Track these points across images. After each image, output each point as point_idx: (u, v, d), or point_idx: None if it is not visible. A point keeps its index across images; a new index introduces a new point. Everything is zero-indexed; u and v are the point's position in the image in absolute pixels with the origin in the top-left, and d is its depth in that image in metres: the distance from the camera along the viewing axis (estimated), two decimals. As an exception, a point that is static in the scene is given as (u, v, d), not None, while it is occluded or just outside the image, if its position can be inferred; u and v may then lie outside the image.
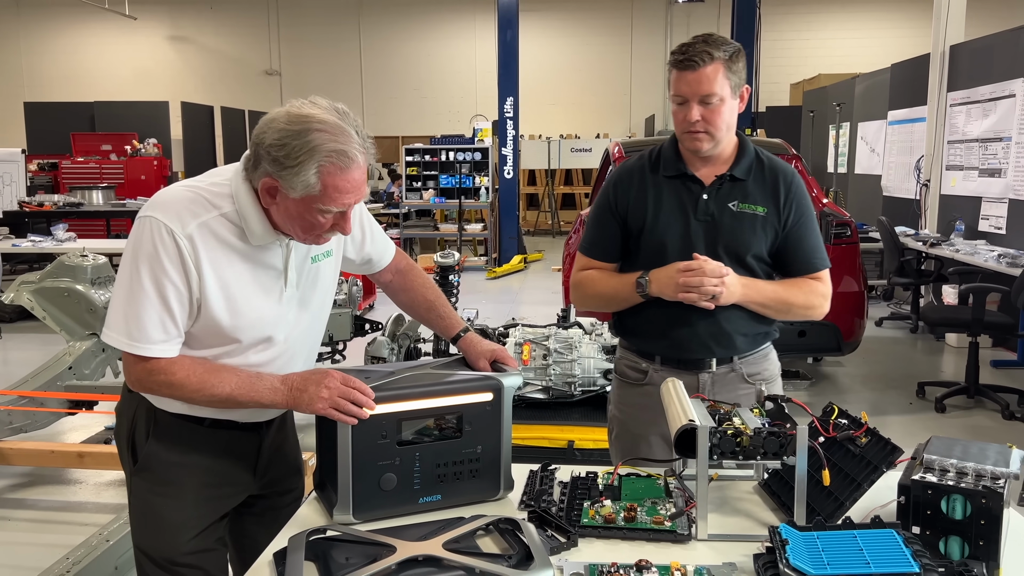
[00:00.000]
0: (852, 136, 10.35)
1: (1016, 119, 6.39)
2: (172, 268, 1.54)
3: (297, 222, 1.57)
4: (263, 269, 1.65)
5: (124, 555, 2.48)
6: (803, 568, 1.26)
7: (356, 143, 1.53)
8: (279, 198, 1.55)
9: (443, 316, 1.98)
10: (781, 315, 2.08)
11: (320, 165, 1.49)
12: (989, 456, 1.48)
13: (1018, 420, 4.97)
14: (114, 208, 10.10)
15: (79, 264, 4.24)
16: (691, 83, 1.93)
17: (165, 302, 1.55)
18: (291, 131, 1.49)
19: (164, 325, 1.56)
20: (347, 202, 1.55)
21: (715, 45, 1.93)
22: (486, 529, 1.52)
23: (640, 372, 2.14)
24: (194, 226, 1.55)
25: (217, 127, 15.40)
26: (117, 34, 17.91)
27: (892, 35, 16.65)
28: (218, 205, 1.59)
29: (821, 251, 2.09)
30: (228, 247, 1.59)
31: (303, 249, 1.70)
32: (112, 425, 4.62)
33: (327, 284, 1.81)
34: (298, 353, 1.78)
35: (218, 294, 1.59)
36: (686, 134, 1.99)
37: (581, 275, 2.17)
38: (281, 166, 1.49)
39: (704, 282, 1.89)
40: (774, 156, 2.11)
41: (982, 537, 1.38)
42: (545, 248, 13.15)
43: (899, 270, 6.98)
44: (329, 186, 1.51)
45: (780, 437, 1.53)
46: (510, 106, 11.21)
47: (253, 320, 1.64)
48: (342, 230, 1.61)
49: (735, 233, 2.01)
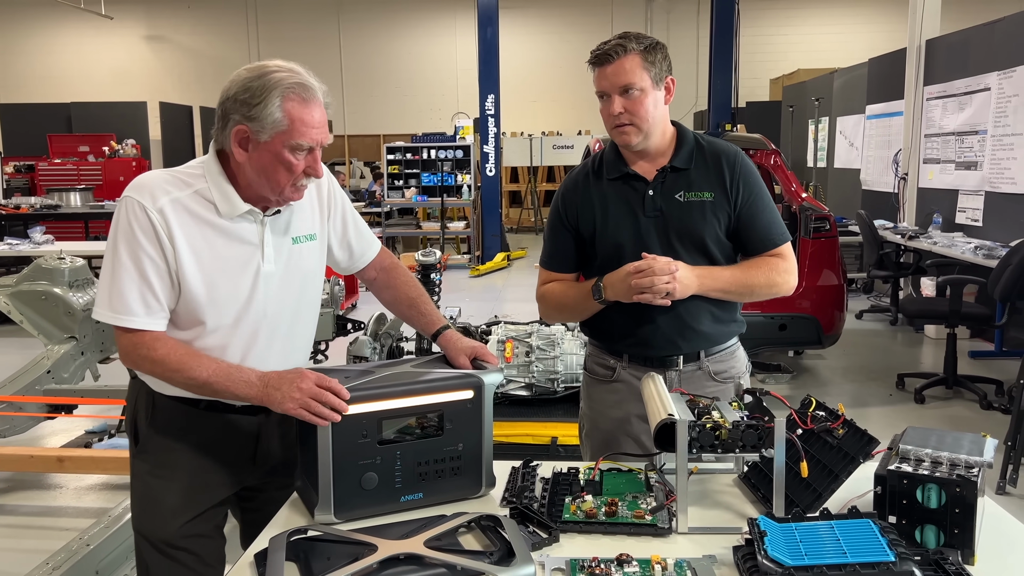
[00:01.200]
0: (831, 130, 10.43)
1: (991, 112, 6.46)
2: (147, 242, 1.62)
3: (271, 171, 1.64)
4: (239, 244, 1.70)
5: (105, 559, 2.47)
6: (781, 559, 1.27)
7: (316, 86, 1.65)
8: (251, 148, 1.63)
9: (424, 313, 1.98)
10: (745, 297, 2.07)
11: (283, 96, 1.60)
12: (963, 445, 1.50)
13: (996, 410, 5.04)
14: (92, 210, 9.99)
15: (56, 267, 4.20)
16: (609, 76, 1.95)
17: (143, 275, 1.63)
18: (252, 76, 1.62)
19: (144, 298, 1.63)
20: (314, 137, 1.64)
21: (629, 39, 1.96)
22: (468, 526, 1.53)
23: (609, 369, 2.15)
24: (165, 201, 1.64)
25: (196, 127, 15.29)
26: (93, 34, 17.72)
27: (869, 29, 16.79)
28: (191, 183, 1.68)
29: (777, 226, 2.06)
30: (202, 222, 1.67)
31: (281, 228, 1.76)
32: (92, 429, 4.61)
33: (311, 269, 1.84)
34: (283, 338, 1.80)
35: (194, 267, 1.65)
36: (614, 129, 2.01)
37: (543, 289, 2.18)
38: (248, 106, 1.60)
39: (655, 281, 1.89)
40: (715, 140, 2.11)
41: (957, 525, 1.40)
42: (528, 245, 13.16)
43: (878, 263, 7.04)
44: (295, 119, 1.61)
45: (758, 430, 1.54)
46: (491, 103, 11.20)
47: (230, 292, 1.69)
48: (315, 172, 1.67)
49: (685, 223, 2.01)
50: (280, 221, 1.76)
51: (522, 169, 15.63)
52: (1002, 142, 6.31)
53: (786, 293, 2.08)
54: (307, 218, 1.83)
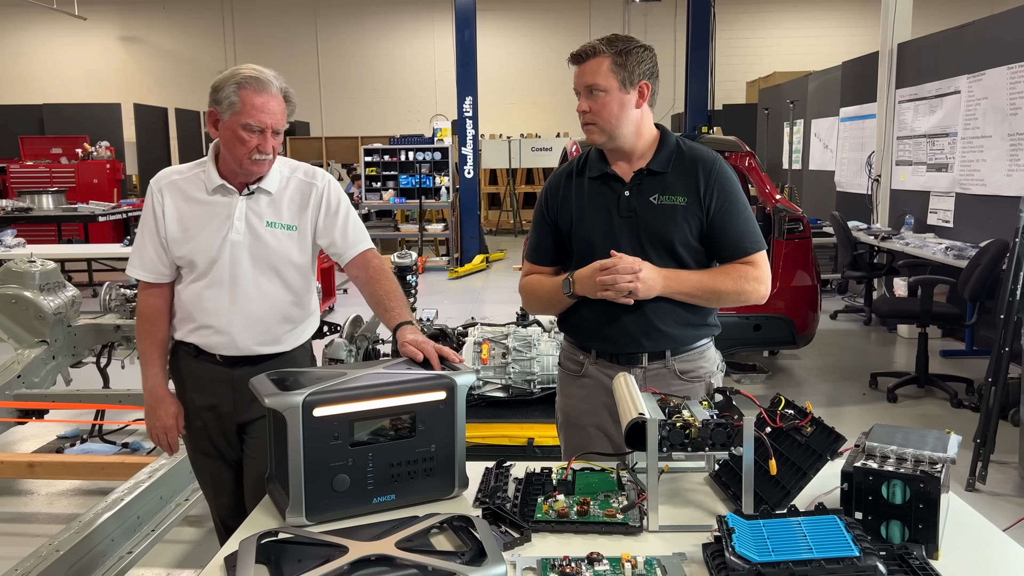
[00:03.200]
0: (806, 133, 10.54)
1: (961, 115, 6.57)
2: (148, 211, 2.16)
3: (231, 146, 2.05)
4: (214, 214, 2.13)
5: (75, 565, 2.43)
6: (748, 556, 1.28)
7: (272, 82, 2.04)
8: (219, 127, 2.06)
9: (389, 309, 2.07)
10: (712, 303, 2.09)
11: (238, 84, 2.01)
12: (928, 442, 1.52)
13: (966, 408, 5.11)
14: (65, 212, 9.86)
15: (27, 270, 4.15)
16: (578, 75, 2.04)
17: (142, 237, 2.17)
18: (224, 75, 2.06)
19: (141, 254, 2.17)
20: (263, 120, 2.02)
21: (607, 41, 2.02)
22: (440, 527, 1.53)
23: (578, 364, 2.19)
24: (166, 182, 2.16)
25: (172, 129, 15.13)
26: (66, 34, 17.53)
27: (843, 33, 17.00)
28: (194, 169, 2.18)
29: (752, 235, 2.07)
30: (190, 197, 2.14)
31: (257, 209, 2.13)
32: (64, 434, 4.55)
33: (283, 252, 2.15)
34: (249, 302, 2.12)
35: (176, 225, 2.13)
36: (583, 127, 2.08)
37: (524, 280, 2.25)
38: (215, 92, 2.04)
39: (617, 279, 1.92)
40: (697, 145, 2.14)
41: (921, 520, 1.43)
42: (507, 247, 13.16)
43: (852, 264, 7.12)
44: (247, 103, 2.01)
45: (727, 428, 1.56)
46: (469, 106, 11.20)
47: (203, 251, 2.11)
48: (264, 148, 2.04)
49: (656, 226, 2.04)
50: (259, 203, 2.13)
51: (501, 171, 15.63)
52: (972, 144, 6.41)
53: (756, 302, 2.10)
54: (292, 210, 2.16)
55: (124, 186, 12.55)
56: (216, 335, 2.14)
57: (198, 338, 2.17)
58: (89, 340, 4.43)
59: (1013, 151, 5.86)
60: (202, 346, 2.17)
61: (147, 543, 2.70)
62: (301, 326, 2.26)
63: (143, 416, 2.22)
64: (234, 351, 2.16)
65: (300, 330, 2.26)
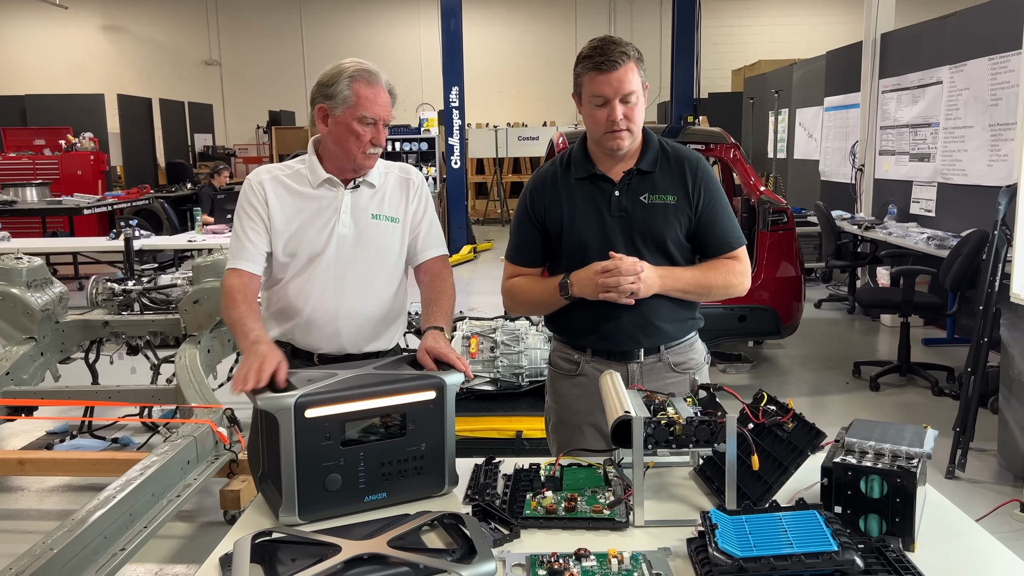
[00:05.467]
0: (791, 122, 10.59)
1: (943, 105, 6.63)
2: (248, 203, 2.14)
3: (344, 140, 2.07)
4: (319, 208, 2.14)
5: (69, 563, 2.45)
6: (731, 551, 1.32)
7: (381, 74, 2.09)
8: (329, 123, 2.08)
9: (431, 312, 2.10)
10: (703, 297, 2.15)
11: (351, 78, 2.04)
12: (905, 437, 1.57)
13: (947, 396, 5.20)
14: (49, 205, 9.80)
15: (14, 267, 4.14)
16: (613, 83, 1.99)
17: (242, 227, 2.13)
18: (329, 71, 2.10)
19: (244, 247, 2.11)
20: (377, 112, 2.06)
21: (625, 45, 2.01)
22: (431, 525, 1.56)
23: (573, 363, 2.21)
24: (266, 176, 2.17)
25: (156, 119, 15.00)
26: (47, 24, 17.33)
27: (828, 21, 17.05)
28: (292, 167, 2.21)
29: (734, 231, 2.15)
30: (292, 191, 2.15)
31: (363, 202, 2.16)
32: (53, 430, 4.55)
33: (387, 244, 2.18)
34: (354, 294, 2.12)
35: (281, 218, 2.13)
36: (608, 134, 2.04)
37: (509, 283, 2.24)
38: (325, 88, 2.07)
39: (621, 281, 1.96)
40: (678, 144, 2.19)
41: (898, 514, 1.47)
42: (495, 237, 13.17)
43: (836, 253, 7.19)
44: (361, 96, 2.04)
45: (711, 426, 1.60)
46: (456, 95, 11.17)
47: (308, 243, 2.11)
48: (377, 140, 2.08)
49: (649, 225, 2.08)
50: (363, 196, 2.16)
51: (488, 161, 15.63)
52: (954, 134, 6.48)
53: (740, 294, 2.17)
54: (393, 203, 2.20)
55: (109, 178, 12.47)
56: (318, 331, 2.14)
57: (298, 335, 2.16)
58: (77, 336, 4.43)
59: (994, 142, 5.93)
60: (300, 345, 2.16)
61: (140, 539, 2.72)
62: (397, 323, 2.27)
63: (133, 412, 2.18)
64: (337, 348, 2.15)
65: (397, 327, 2.27)
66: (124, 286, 4.62)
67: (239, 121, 18.40)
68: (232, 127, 18.45)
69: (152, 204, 10.45)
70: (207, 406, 3.52)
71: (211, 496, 3.60)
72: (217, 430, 3.31)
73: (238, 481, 3.40)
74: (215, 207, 9.26)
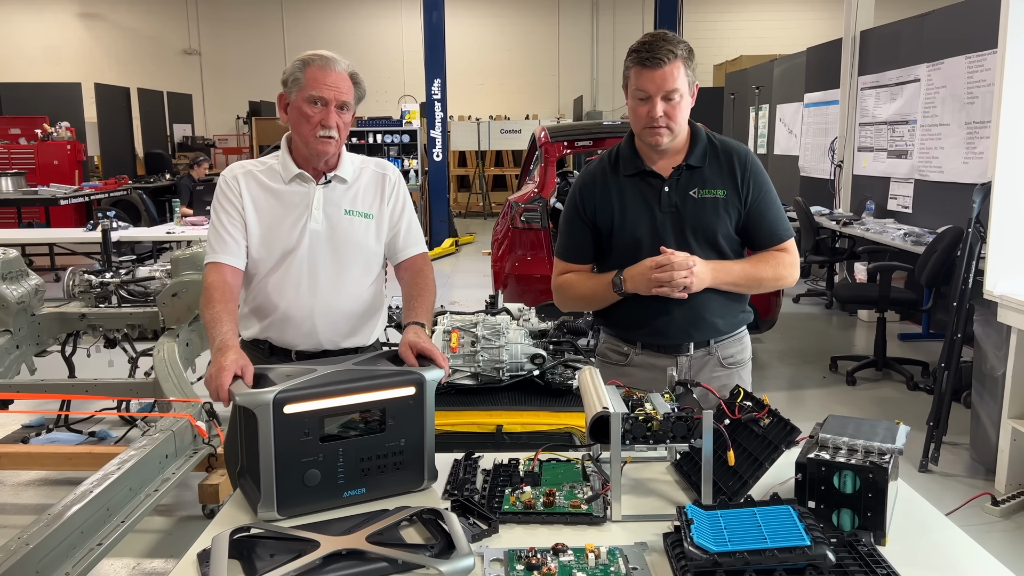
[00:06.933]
0: (771, 118, 10.66)
1: (920, 103, 6.70)
2: (224, 198, 2.14)
3: (298, 126, 2.08)
4: (292, 204, 2.14)
5: (45, 558, 2.43)
6: (706, 546, 1.34)
7: (338, 60, 2.09)
8: (289, 110, 2.10)
9: (411, 308, 2.10)
10: (754, 290, 2.19)
11: (303, 62, 2.07)
12: (878, 433, 1.59)
13: (921, 390, 5.27)
14: (25, 195, 9.66)
15: (-12, 259, 4.08)
16: (656, 80, 2.01)
17: (221, 225, 2.12)
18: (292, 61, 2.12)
19: (224, 241, 2.10)
20: (326, 92, 2.05)
21: (674, 43, 2.02)
22: (410, 520, 1.57)
23: (622, 355, 2.25)
24: (240, 172, 2.17)
25: (134, 109, 14.83)
26: (22, 11, 17.07)
27: (809, 17, 17.16)
28: (266, 162, 2.21)
29: (784, 223, 2.18)
30: (265, 187, 2.16)
31: (335, 199, 2.16)
32: (29, 423, 4.51)
33: (361, 242, 2.17)
34: (327, 292, 2.12)
35: (254, 215, 2.13)
36: (647, 129, 2.06)
37: (561, 279, 2.27)
38: (284, 77, 2.10)
39: (674, 276, 1.99)
40: (726, 138, 2.21)
41: (870, 509, 1.49)
42: (476, 230, 13.17)
43: (815, 248, 7.26)
44: (310, 77, 2.05)
45: (687, 422, 1.61)
46: (438, 87, 11.14)
47: (282, 239, 2.11)
48: (327, 122, 2.06)
49: (700, 219, 2.10)
50: (335, 192, 2.16)
51: (470, 153, 15.60)
52: (931, 132, 6.55)
53: (790, 285, 2.23)
54: (367, 199, 2.20)
55: (86, 168, 12.31)
56: (295, 328, 2.14)
57: (273, 333, 2.16)
58: (54, 329, 4.38)
59: (970, 139, 6.00)
60: (277, 342, 2.16)
61: (117, 534, 2.71)
62: (375, 319, 2.27)
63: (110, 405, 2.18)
64: (314, 345, 2.16)
65: (374, 323, 2.27)
66: (101, 278, 4.58)
67: (219, 111, 18.24)
68: (212, 117, 18.29)
69: (130, 195, 10.34)
70: (185, 400, 3.50)
71: (189, 490, 3.59)
72: (196, 424, 3.30)
73: (216, 475, 3.39)
74: (194, 198, 9.19)
